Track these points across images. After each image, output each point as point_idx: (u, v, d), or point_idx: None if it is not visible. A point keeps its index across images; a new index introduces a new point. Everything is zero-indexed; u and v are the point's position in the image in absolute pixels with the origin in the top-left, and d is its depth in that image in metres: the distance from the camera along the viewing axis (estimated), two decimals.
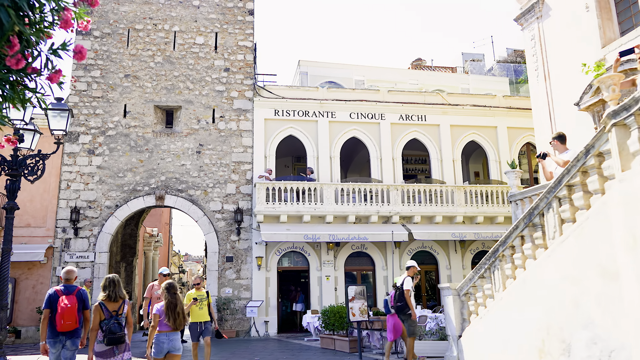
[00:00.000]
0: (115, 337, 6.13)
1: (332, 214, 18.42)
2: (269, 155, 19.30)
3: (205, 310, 9.63)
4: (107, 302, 6.33)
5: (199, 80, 19.45)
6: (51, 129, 8.87)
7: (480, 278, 8.77)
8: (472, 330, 8.78)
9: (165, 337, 6.61)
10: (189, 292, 9.75)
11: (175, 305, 6.67)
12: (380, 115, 20.24)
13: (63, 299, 6.66)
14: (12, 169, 8.69)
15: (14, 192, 8.69)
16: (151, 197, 18.37)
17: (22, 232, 17.50)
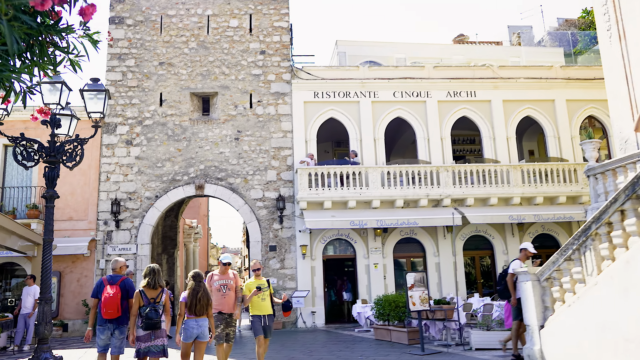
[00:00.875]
0: (152, 322, 6.53)
1: (378, 199, 17.48)
2: (310, 139, 18.48)
3: (268, 301, 8.31)
4: (147, 290, 6.75)
5: (234, 65, 18.76)
6: (88, 111, 8.27)
7: (567, 261, 7.69)
8: (558, 320, 7.74)
9: (194, 322, 6.81)
10: (249, 281, 8.39)
11: (197, 292, 6.87)
12: (426, 93, 19.10)
13: (107, 288, 7.00)
14: (50, 155, 8.14)
15: (53, 179, 8.15)
16: (191, 186, 17.86)
17: (64, 226, 17.28)
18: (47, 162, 8.08)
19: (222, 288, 8.05)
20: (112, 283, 7.07)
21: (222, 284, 8.08)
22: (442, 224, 17.41)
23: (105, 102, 8.32)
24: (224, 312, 8.01)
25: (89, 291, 17.00)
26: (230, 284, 8.14)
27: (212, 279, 8.14)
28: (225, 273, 8.19)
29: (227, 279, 8.15)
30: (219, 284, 8.06)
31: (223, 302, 7.99)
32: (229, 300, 8.05)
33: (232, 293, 8.11)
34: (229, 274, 8.21)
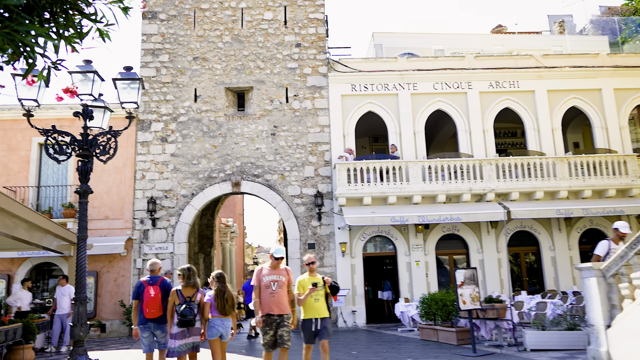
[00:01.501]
0: (186, 320, 6.78)
1: (419, 194, 16.83)
2: (348, 134, 17.93)
3: (323, 302, 7.12)
4: (183, 289, 7.04)
5: (269, 59, 18.34)
6: (121, 101, 7.90)
7: (638, 255, 7.01)
8: (627, 319, 7.08)
9: (219, 321, 7.07)
10: (302, 279, 7.23)
11: (223, 293, 7.09)
12: (467, 84, 18.34)
13: (149, 290, 7.30)
14: (83, 148, 7.80)
15: (86, 174, 7.82)
16: (227, 183, 17.51)
17: (100, 225, 17.14)
18: (80, 155, 7.75)
19: (271, 285, 6.92)
20: (152, 284, 7.38)
21: (272, 280, 6.95)
22: (486, 219, 16.64)
23: (139, 91, 7.93)
24: (273, 313, 6.84)
25: (126, 291, 16.84)
26: (282, 280, 6.99)
27: (261, 273, 6.99)
28: (277, 268, 7.08)
29: (278, 274, 7.02)
30: (268, 280, 6.93)
31: (272, 302, 6.86)
32: (280, 299, 6.89)
33: (284, 291, 6.96)
34: (281, 269, 7.09)
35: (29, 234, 11.59)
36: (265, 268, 7.09)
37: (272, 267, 7.09)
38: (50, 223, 12.94)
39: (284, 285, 7.02)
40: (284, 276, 7.06)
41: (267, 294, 6.90)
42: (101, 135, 7.88)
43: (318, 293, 7.07)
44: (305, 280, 7.20)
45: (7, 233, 9.90)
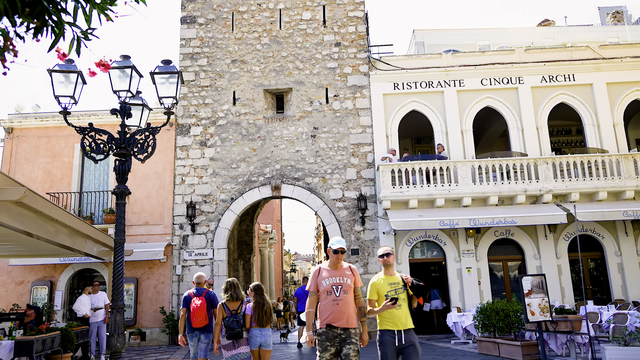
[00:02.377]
0: (234, 332, 7.08)
1: (469, 196, 15.88)
2: (391, 134, 17.18)
3: (406, 308, 5.35)
4: (229, 302, 7.35)
5: (308, 59, 17.82)
6: (159, 96, 7.43)
7: None
8: None
9: (258, 331, 7.23)
10: (375, 280, 5.51)
11: (262, 305, 7.32)
12: (517, 79, 17.31)
13: (195, 300, 7.89)
14: (120, 147, 7.35)
15: (124, 173, 7.35)
16: (267, 187, 17.01)
17: (140, 231, 16.91)
18: (117, 154, 7.30)
19: (334, 290, 5.36)
20: (199, 295, 8.00)
21: (334, 284, 5.39)
22: (544, 222, 15.54)
23: (178, 85, 7.44)
24: (336, 325, 5.28)
25: (166, 298, 16.51)
26: (348, 283, 5.40)
27: (320, 275, 5.51)
28: (339, 267, 5.54)
29: (342, 275, 5.46)
30: (329, 284, 5.39)
31: (335, 311, 5.28)
32: (346, 307, 5.31)
33: (350, 297, 5.40)
34: (344, 268, 5.55)
35: (71, 239, 11.37)
36: (325, 269, 5.55)
37: (332, 267, 5.52)
38: (91, 228, 12.71)
39: (350, 290, 5.44)
40: (349, 278, 5.48)
41: (329, 301, 5.35)
42: (139, 133, 7.42)
43: (399, 296, 5.31)
44: (380, 282, 5.45)
45: (48, 239, 9.69)
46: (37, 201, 7.86)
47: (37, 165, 17.47)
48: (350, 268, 5.60)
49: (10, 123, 17.63)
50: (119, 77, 7.55)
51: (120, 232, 7.20)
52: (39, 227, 9.07)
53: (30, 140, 17.68)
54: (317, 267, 5.64)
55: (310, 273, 5.74)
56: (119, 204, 7.30)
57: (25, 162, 17.53)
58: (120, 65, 7.48)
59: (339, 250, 5.48)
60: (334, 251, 5.50)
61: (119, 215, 7.27)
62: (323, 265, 5.62)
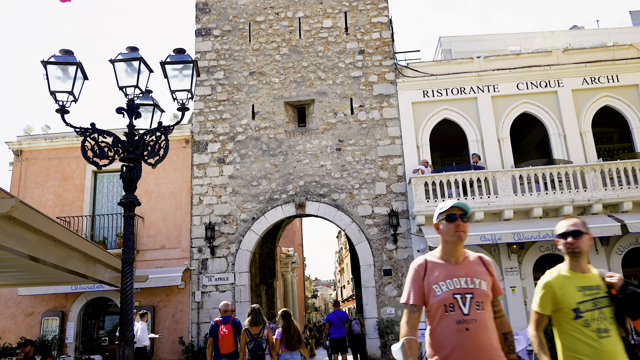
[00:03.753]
0: (256, 355, 7.53)
1: (511, 208, 14.54)
2: (422, 144, 16.00)
3: (615, 339, 3.11)
4: (251, 327, 7.78)
5: (330, 68, 16.83)
6: (172, 89, 6.38)
7: None
8: None
9: (289, 355, 7.61)
10: (550, 280, 3.37)
11: (289, 329, 7.74)
12: (556, 82, 16.09)
13: (222, 328, 8.27)
14: (127, 151, 6.29)
15: (132, 181, 6.27)
16: (290, 205, 15.86)
17: (157, 255, 15.83)
18: (125, 159, 6.24)
19: (459, 302, 2.99)
20: (225, 323, 8.37)
21: (459, 291, 3.01)
22: (595, 234, 14.02)
23: (193, 77, 6.38)
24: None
25: (184, 327, 15.31)
26: (482, 289, 3.05)
27: (429, 275, 3.08)
28: (461, 257, 3.15)
29: (471, 274, 3.08)
30: (448, 291, 3.01)
31: (464, 344, 2.91)
32: (482, 336, 2.94)
33: (488, 315, 3.03)
34: (471, 258, 3.18)
35: (84, 265, 10.38)
36: (434, 262, 3.14)
37: (449, 257, 3.12)
38: (105, 253, 11.64)
39: (488, 301, 3.06)
40: (483, 278, 3.07)
41: (450, 324, 2.94)
42: (149, 133, 6.36)
43: (605, 313, 3.12)
44: (564, 283, 3.28)
45: (60, 265, 8.76)
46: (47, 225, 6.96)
47: (47, 189, 16.58)
48: (481, 260, 3.16)
49: (19, 145, 16.83)
50: (126, 71, 6.54)
51: (128, 250, 6.10)
52: (49, 253, 8.13)
53: (40, 162, 16.84)
54: (419, 261, 3.16)
55: (410, 271, 3.17)
56: (127, 217, 6.21)
57: (35, 186, 16.66)
58: (127, 57, 6.48)
59: (460, 216, 3.04)
60: (450, 217, 3.04)
61: (127, 230, 6.17)
62: (430, 257, 3.17)
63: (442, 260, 3.15)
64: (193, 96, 6.43)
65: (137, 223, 16.04)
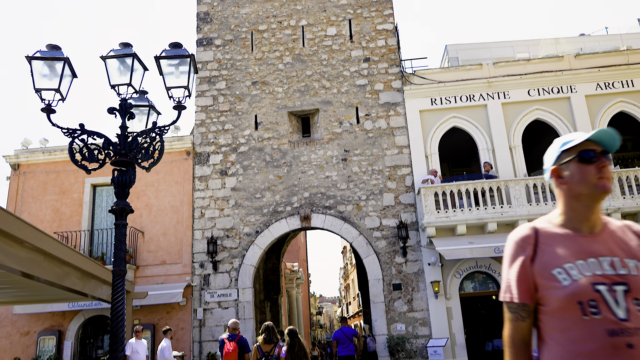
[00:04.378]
0: None
1: (525, 218, 13.91)
2: (431, 154, 15.47)
3: None
4: (263, 345, 7.81)
5: (335, 77, 16.39)
6: (167, 86, 5.88)
7: None
8: None
9: None
10: None
11: (294, 347, 7.67)
12: (569, 87, 15.60)
13: (227, 345, 8.42)
14: (119, 154, 5.78)
15: (124, 186, 5.76)
16: (295, 218, 15.30)
17: (157, 271, 15.25)
18: (116, 163, 5.73)
19: (609, 294, 1.77)
20: (231, 340, 8.51)
21: (603, 280, 1.79)
22: None
23: (190, 73, 5.89)
24: None
25: (186, 346, 14.66)
26: None
27: (544, 254, 1.89)
28: (598, 224, 1.94)
29: (615, 247, 1.87)
30: (585, 279, 1.80)
31: None
32: None
33: None
34: (612, 226, 1.95)
35: (81, 282, 9.89)
36: (550, 230, 1.96)
37: (575, 225, 1.94)
38: (103, 269, 11.10)
39: None
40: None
41: (597, 336, 1.74)
42: (143, 134, 5.86)
43: None
44: None
45: (57, 282, 8.26)
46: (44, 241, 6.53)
47: (45, 203, 16.08)
48: (630, 230, 1.98)
49: (17, 159, 16.38)
50: (118, 68, 6.06)
51: (120, 261, 5.56)
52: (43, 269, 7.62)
53: (38, 176, 16.37)
54: (525, 231, 2.00)
55: (508, 248, 2.04)
56: (118, 225, 5.67)
57: (32, 201, 16.16)
58: (119, 53, 6.01)
59: (600, 154, 1.92)
60: (585, 155, 1.92)
61: (118, 239, 5.64)
62: (542, 223, 2.01)
63: (566, 229, 1.93)
64: (190, 94, 5.93)
65: (137, 238, 15.51)
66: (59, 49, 5.68)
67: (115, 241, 5.66)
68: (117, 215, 5.69)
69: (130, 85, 6.04)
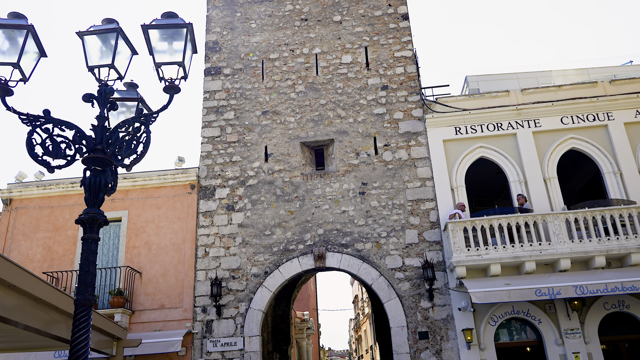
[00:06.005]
0: None
1: (567, 257, 12.38)
2: (457, 186, 14.13)
3: None
4: None
5: (351, 105, 15.32)
6: (156, 62, 4.68)
7: None
8: None
9: None
10: None
11: None
12: (605, 114, 14.38)
13: None
14: (94, 149, 4.53)
15: (98, 190, 4.46)
16: (308, 257, 13.84)
17: (154, 316, 13.71)
18: (89, 160, 4.47)
19: None
20: None
21: None
22: None
23: (186, 45, 4.70)
24: None
25: None
26: None
27: None
28: None
29: None
30: None
31: None
32: None
33: None
34: None
35: (68, 329, 8.58)
36: None
37: None
38: (95, 316, 9.75)
39: None
40: None
41: None
42: (124, 125, 4.61)
43: None
44: None
45: (43, 330, 6.96)
46: (30, 283, 5.38)
47: (36, 241, 14.79)
48: None
49: (9, 193, 15.23)
50: (100, 49, 4.90)
51: (85, 288, 4.22)
52: (29, 315, 6.38)
53: (31, 212, 15.15)
54: None
55: None
56: (86, 240, 4.35)
57: (23, 238, 14.88)
58: (100, 29, 4.85)
59: None
60: None
61: (85, 258, 4.31)
62: None
63: None
64: (187, 74, 4.71)
65: (134, 279, 14.07)
66: (23, 17, 4.54)
67: (81, 261, 4.33)
68: (85, 227, 4.37)
69: (113, 68, 4.87)
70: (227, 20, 16.86)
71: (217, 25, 16.83)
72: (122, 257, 14.31)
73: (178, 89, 4.61)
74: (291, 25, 16.52)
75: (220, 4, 17.11)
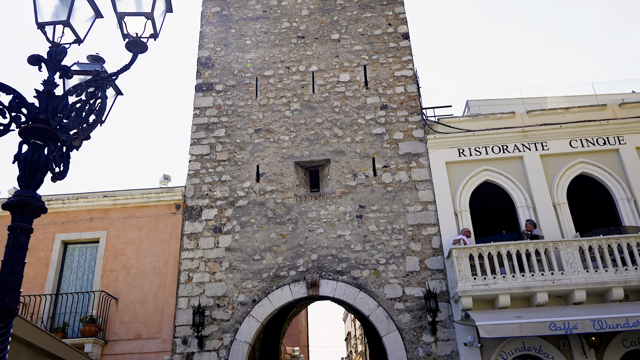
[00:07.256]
0: None
1: (582, 288, 11.39)
2: (461, 211, 13.21)
3: None
4: None
5: (349, 125, 14.53)
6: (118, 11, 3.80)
7: None
8: None
9: None
10: None
11: None
12: (616, 138, 13.65)
13: None
14: (36, 119, 3.61)
15: (35, 169, 3.52)
16: (300, 284, 12.74)
17: (130, 347, 12.46)
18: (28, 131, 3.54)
19: None
20: None
21: None
22: None
23: None
24: None
25: None
26: None
27: None
28: None
29: None
30: None
31: None
32: None
33: None
34: None
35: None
36: None
37: None
38: (62, 346, 8.60)
39: None
40: None
41: None
42: (75, 91, 3.70)
43: None
44: None
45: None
46: None
47: None
48: None
49: None
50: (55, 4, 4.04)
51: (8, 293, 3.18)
52: None
53: (2, 231, 14.02)
54: None
55: None
56: (14, 230, 3.37)
57: None
58: None
59: None
60: None
61: (10, 254, 3.32)
62: None
63: None
64: (157, 33, 3.83)
65: (109, 306, 12.88)
66: None
67: (6, 256, 3.34)
68: (15, 213, 3.42)
69: (69, 27, 3.98)
70: (221, 36, 16.23)
71: (210, 41, 16.18)
72: (98, 281, 13.14)
73: (144, 46, 3.72)
74: (287, 42, 15.89)
75: (215, 20, 16.52)
